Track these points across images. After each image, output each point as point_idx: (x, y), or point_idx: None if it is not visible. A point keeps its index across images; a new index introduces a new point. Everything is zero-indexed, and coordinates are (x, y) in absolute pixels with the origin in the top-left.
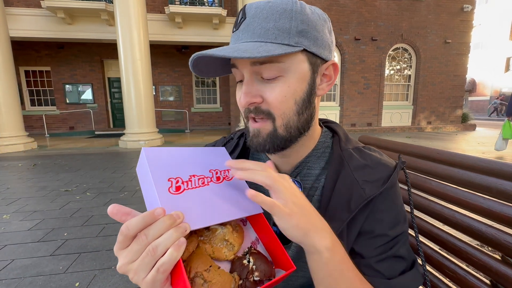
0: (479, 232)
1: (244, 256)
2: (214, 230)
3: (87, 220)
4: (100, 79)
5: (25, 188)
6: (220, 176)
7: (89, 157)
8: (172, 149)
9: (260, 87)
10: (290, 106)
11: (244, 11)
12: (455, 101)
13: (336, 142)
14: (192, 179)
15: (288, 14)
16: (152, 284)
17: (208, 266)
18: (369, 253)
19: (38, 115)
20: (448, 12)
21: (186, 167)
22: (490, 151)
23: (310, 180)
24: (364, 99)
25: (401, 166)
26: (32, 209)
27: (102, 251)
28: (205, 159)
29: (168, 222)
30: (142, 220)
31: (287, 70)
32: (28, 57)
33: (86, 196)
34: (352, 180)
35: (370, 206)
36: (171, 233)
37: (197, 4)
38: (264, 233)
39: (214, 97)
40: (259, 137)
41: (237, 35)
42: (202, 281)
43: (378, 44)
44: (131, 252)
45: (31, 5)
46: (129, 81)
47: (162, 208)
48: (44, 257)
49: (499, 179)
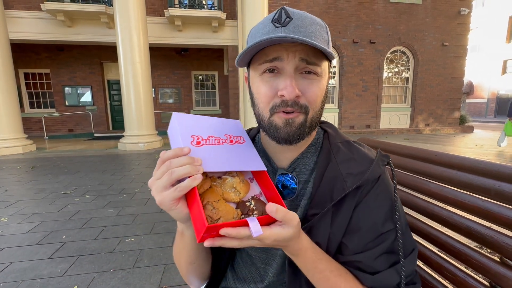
0: (478, 234)
1: (247, 200)
2: (225, 179)
3: (85, 223)
4: (100, 81)
5: (24, 191)
6: (233, 140)
7: (88, 159)
8: (197, 116)
9: (300, 81)
10: (319, 103)
11: (288, 12)
12: (452, 103)
13: (326, 137)
14: (210, 138)
15: (324, 28)
16: (166, 197)
17: (217, 199)
18: (357, 247)
19: (37, 118)
20: (445, 15)
21: (207, 130)
22: (488, 153)
23: (305, 174)
24: (362, 101)
25: (385, 160)
26: (31, 212)
27: (101, 254)
28: (222, 126)
29: (188, 160)
30: (174, 152)
31: (321, 72)
32: (27, 60)
33: (85, 199)
34: (337, 172)
35: (356, 199)
36: (187, 167)
37: (196, 7)
38: (267, 189)
39: (213, 99)
40: (292, 127)
41: (286, 30)
42: (211, 208)
43: (376, 47)
44: (158, 171)
45: (31, 8)
46: (128, 83)
47: (189, 148)
48: (43, 260)
49: (497, 180)
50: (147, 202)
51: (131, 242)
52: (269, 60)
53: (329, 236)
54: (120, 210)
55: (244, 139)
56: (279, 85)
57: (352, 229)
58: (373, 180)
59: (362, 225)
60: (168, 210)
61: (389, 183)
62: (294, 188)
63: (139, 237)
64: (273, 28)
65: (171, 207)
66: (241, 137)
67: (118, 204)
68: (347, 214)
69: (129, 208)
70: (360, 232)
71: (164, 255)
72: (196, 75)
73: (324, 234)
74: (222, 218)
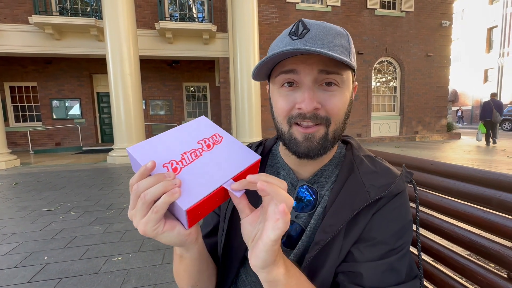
0: (482, 248)
1: None
2: None
3: (69, 242)
4: (89, 94)
5: (4, 209)
6: (209, 144)
7: (75, 174)
8: (153, 138)
9: (320, 94)
10: (342, 115)
11: (305, 24)
12: (439, 111)
13: (349, 149)
14: (184, 157)
15: (345, 37)
16: (146, 224)
17: None
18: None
19: (23, 131)
20: (428, 28)
21: (175, 148)
22: (476, 159)
23: (327, 187)
24: (353, 110)
25: (408, 176)
26: (11, 232)
27: (85, 275)
28: (189, 134)
29: (158, 177)
30: (138, 173)
31: (343, 82)
32: (14, 73)
33: (70, 216)
34: (359, 183)
35: (373, 210)
36: (159, 185)
37: (187, 20)
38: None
39: (205, 111)
40: (312, 141)
41: (303, 42)
42: None
43: (364, 57)
44: (131, 200)
45: (19, 21)
46: (118, 96)
47: (153, 161)
48: (21, 284)
49: (498, 190)
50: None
51: (118, 262)
52: (284, 71)
53: (341, 248)
54: (107, 227)
55: (220, 135)
56: (297, 99)
57: (363, 239)
58: (394, 194)
59: (375, 236)
60: (155, 237)
61: (408, 200)
62: (310, 200)
63: (126, 255)
64: (290, 41)
65: (156, 232)
66: (216, 134)
67: (105, 221)
68: (363, 225)
69: (117, 224)
70: (371, 242)
71: (153, 274)
72: (188, 87)
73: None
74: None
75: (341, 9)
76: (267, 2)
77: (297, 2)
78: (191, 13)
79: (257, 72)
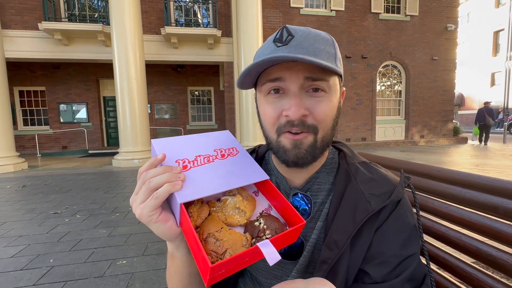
0: (489, 256)
1: (256, 219)
2: (225, 200)
3: (75, 245)
4: (96, 98)
5: (12, 211)
6: (224, 154)
7: (81, 177)
8: (179, 137)
9: (307, 101)
10: (330, 121)
11: (289, 31)
12: (445, 115)
13: (342, 157)
14: (198, 159)
15: (330, 42)
16: (144, 208)
17: (219, 228)
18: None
19: (31, 135)
20: (433, 31)
21: (192, 150)
22: (484, 163)
23: (321, 195)
24: (357, 114)
25: (406, 181)
26: (18, 234)
27: (90, 279)
28: (210, 141)
29: (165, 168)
30: (149, 162)
31: (330, 88)
32: (23, 78)
33: (75, 219)
34: (358, 192)
35: (377, 223)
36: (164, 175)
37: (192, 26)
38: (274, 198)
39: (209, 115)
40: (300, 149)
41: (287, 49)
42: (214, 240)
43: (368, 61)
44: (137, 186)
45: (29, 27)
46: (124, 100)
47: (164, 154)
48: (27, 287)
49: (505, 198)
50: (140, 221)
51: (123, 265)
52: (270, 79)
53: (348, 264)
54: (112, 230)
55: (238, 149)
56: (284, 106)
57: (373, 255)
58: (395, 202)
59: (384, 251)
60: (148, 223)
61: (409, 205)
62: (305, 209)
63: (131, 259)
64: (274, 48)
65: (151, 219)
66: (233, 147)
67: (110, 224)
68: (368, 239)
69: (121, 228)
70: (382, 257)
71: (157, 279)
72: (192, 91)
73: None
74: (229, 250)
75: (345, 13)
76: (272, 7)
77: (301, 7)
78: (196, 18)
79: (242, 81)
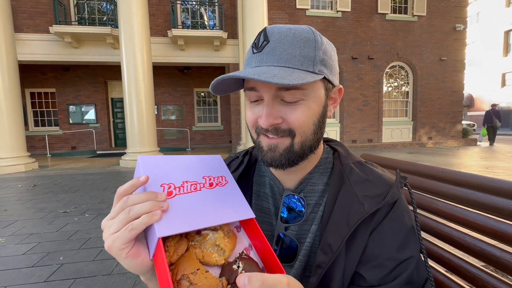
0: (493, 257)
1: (234, 261)
2: (205, 235)
3: (84, 243)
4: (104, 99)
5: (23, 210)
6: (213, 182)
7: (89, 177)
8: (167, 157)
9: (281, 108)
10: (309, 126)
11: (266, 34)
12: (454, 116)
13: (336, 157)
14: (184, 185)
15: (311, 43)
16: (115, 240)
17: (195, 269)
18: (376, 278)
19: (41, 136)
20: (441, 32)
21: (180, 174)
22: (493, 166)
23: (315, 196)
24: (363, 115)
25: (403, 182)
26: (29, 232)
27: (98, 276)
28: (199, 166)
29: (149, 195)
30: (130, 184)
31: (308, 94)
32: (34, 80)
33: (84, 218)
34: (352, 195)
35: (371, 225)
36: (147, 204)
37: (199, 28)
38: (257, 238)
39: (215, 116)
40: (275, 152)
41: (260, 57)
42: (188, 284)
43: (374, 62)
44: (114, 209)
45: (40, 30)
46: (131, 101)
47: (147, 176)
48: (38, 284)
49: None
50: None
51: None
52: (248, 88)
53: (344, 268)
54: None
55: (227, 179)
56: (259, 113)
57: (368, 258)
58: (390, 203)
59: (380, 253)
60: (118, 257)
61: (406, 206)
62: (301, 211)
63: None
64: (251, 54)
65: (121, 253)
66: (223, 176)
67: None
68: (362, 241)
69: None
70: (378, 260)
71: None
72: (198, 92)
73: (339, 267)
74: None
75: (351, 14)
76: (277, 8)
77: (307, 8)
78: (202, 20)
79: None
